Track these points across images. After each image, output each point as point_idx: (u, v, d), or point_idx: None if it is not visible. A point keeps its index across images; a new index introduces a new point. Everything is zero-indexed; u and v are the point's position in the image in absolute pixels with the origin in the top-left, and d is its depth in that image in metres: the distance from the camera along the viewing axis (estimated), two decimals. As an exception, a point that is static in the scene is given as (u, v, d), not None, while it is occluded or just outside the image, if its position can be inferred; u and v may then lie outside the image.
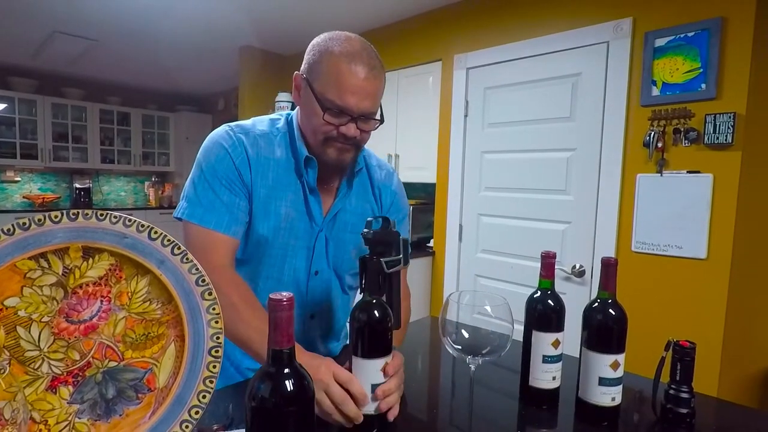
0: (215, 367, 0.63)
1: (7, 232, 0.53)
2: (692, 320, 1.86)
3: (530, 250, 2.40)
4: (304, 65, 0.90)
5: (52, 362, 0.57)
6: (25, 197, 5.15)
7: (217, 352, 0.64)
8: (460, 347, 0.71)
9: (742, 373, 1.96)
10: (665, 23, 1.90)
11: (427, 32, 2.90)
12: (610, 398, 0.78)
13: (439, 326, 0.73)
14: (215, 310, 0.64)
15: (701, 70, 1.81)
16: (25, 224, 0.54)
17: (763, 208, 1.90)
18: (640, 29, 1.98)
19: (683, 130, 1.85)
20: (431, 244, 2.94)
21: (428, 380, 1.02)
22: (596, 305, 0.81)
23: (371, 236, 0.79)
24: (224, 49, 3.87)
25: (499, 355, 0.70)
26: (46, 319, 0.57)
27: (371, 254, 0.79)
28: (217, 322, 0.64)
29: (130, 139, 5.74)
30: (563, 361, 0.84)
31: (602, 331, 0.79)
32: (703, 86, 1.80)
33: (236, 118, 3.94)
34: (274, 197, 0.94)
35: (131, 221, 0.60)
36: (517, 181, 2.46)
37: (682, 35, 1.85)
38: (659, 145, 1.91)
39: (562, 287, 2.21)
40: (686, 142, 1.85)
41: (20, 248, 0.54)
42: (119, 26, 3.38)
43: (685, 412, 0.78)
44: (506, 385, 0.94)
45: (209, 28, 3.38)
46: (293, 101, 0.95)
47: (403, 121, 3.06)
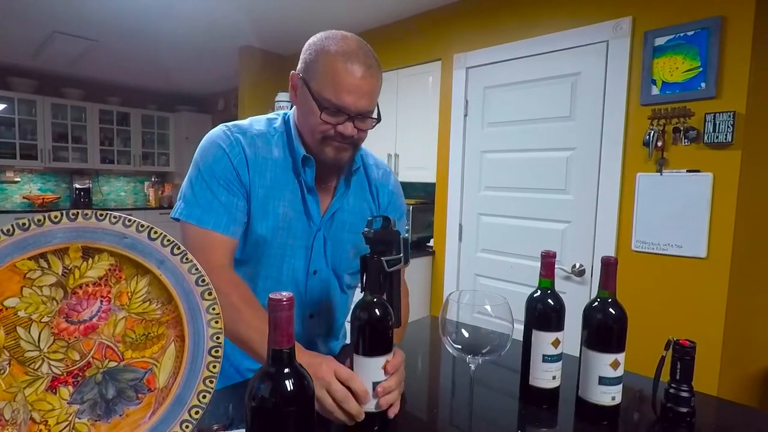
0: (215, 367, 0.63)
1: (6, 232, 0.53)
2: (692, 319, 1.86)
3: (530, 249, 2.40)
4: (300, 64, 0.90)
5: (52, 363, 0.57)
6: (24, 198, 5.15)
7: (217, 352, 0.64)
8: (460, 347, 0.71)
9: (742, 372, 1.96)
10: (665, 22, 1.90)
11: (426, 32, 2.90)
12: (610, 397, 0.78)
13: (439, 326, 0.73)
14: (215, 310, 0.64)
15: (701, 69, 1.81)
16: (24, 224, 0.54)
17: (762, 207, 1.90)
18: (639, 28, 1.98)
19: (683, 129, 1.85)
20: (431, 243, 2.94)
21: (428, 380, 1.02)
22: (596, 304, 0.81)
23: (372, 235, 0.79)
24: (224, 49, 3.87)
25: (499, 354, 0.70)
26: (46, 319, 0.57)
27: (372, 253, 0.79)
28: (217, 322, 0.64)
29: (129, 139, 5.74)
30: (563, 360, 0.84)
31: (602, 330, 0.79)
32: (702, 85, 1.80)
33: (236, 118, 3.93)
34: (272, 197, 0.93)
35: (131, 221, 0.60)
36: (516, 180, 2.46)
37: (681, 34, 1.85)
38: (659, 144, 1.91)
39: (562, 286, 2.21)
40: (686, 141, 1.85)
41: (20, 249, 0.54)
42: (119, 26, 3.38)
43: (685, 411, 0.78)
44: (506, 384, 0.94)
45: (209, 28, 3.38)
46: (290, 101, 0.95)
47: (402, 120, 3.05)
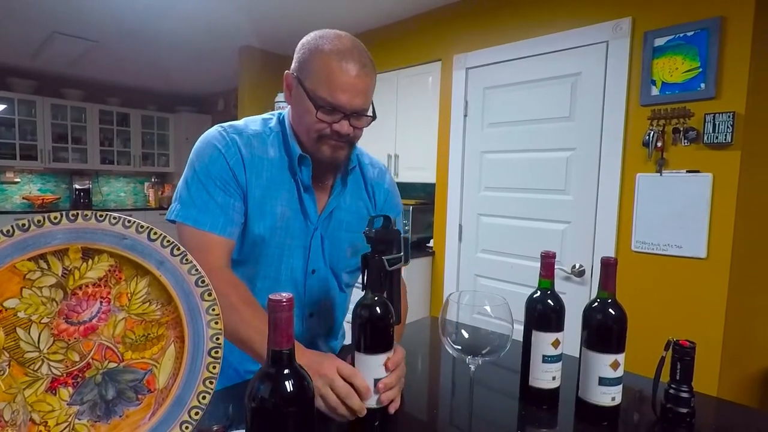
0: (215, 368, 0.63)
1: (6, 233, 0.53)
2: (692, 320, 1.86)
3: (530, 250, 2.40)
4: (294, 64, 0.90)
5: (51, 363, 0.57)
6: (24, 198, 5.15)
7: (216, 353, 0.64)
8: (459, 347, 0.71)
9: (742, 372, 1.96)
10: (664, 23, 1.90)
11: (426, 32, 2.90)
12: (610, 398, 0.78)
13: (439, 326, 0.73)
14: (215, 311, 0.64)
15: (700, 69, 1.81)
16: (24, 225, 0.54)
17: (762, 207, 1.90)
18: (639, 29, 1.98)
19: (683, 129, 1.85)
20: (431, 244, 2.94)
21: (428, 380, 1.02)
22: (596, 305, 0.81)
23: (373, 235, 0.80)
24: (224, 49, 3.87)
25: (498, 355, 0.70)
26: (45, 320, 0.57)
27: (373, 252, 0.79)
28: (216, 323, 0.64)
29: (129, 139, 5.74)
30: (563, 360, 0.84)
31: (602, 330, 0.79)
32: (702, 86, 1.80)
33: (236, 118, 3.92)
34: (269, 197, 0.93)
35: (131, 222, 0.60)
36: (516, 180, 2.46)
37: (681, 35, 1.86)
38: (659, 144, 1.91)
39: (561, 287, 2.21)
40: (686, 141, 1.85)
41: (19, 249, 0.54)
42: (119, 27, 3.38)
43: (685, 411, 0.78)
44: (506, 385, 0.94)
45: (209, 28, 3.38)
46: (285, 100, 0.95)
47: (402, 121, 3.05)
